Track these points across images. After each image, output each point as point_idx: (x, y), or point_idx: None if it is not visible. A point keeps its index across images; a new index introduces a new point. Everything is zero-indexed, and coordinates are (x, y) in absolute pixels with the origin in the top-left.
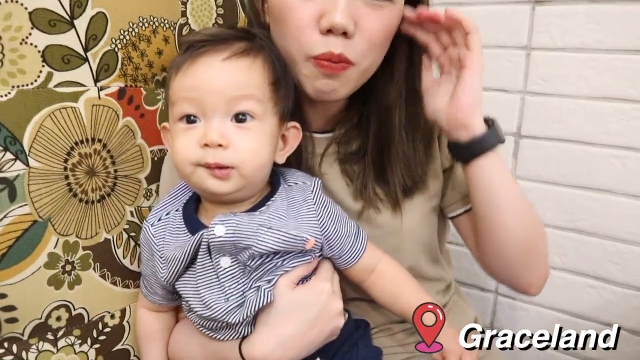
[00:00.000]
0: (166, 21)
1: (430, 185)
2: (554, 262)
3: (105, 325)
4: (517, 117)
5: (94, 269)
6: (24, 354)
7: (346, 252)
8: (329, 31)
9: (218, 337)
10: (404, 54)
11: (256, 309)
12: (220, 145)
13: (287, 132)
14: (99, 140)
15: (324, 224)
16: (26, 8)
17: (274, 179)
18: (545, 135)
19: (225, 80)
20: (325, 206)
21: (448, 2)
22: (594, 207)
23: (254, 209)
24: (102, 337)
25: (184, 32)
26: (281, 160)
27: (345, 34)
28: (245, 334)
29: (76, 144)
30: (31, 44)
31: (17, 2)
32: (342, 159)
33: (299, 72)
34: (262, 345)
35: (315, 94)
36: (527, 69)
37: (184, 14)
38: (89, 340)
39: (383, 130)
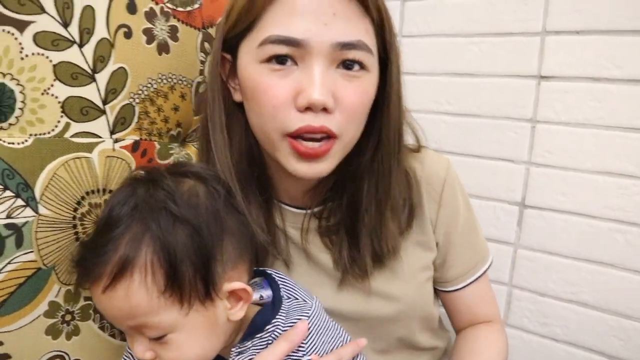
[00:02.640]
0: (184, 79)
1: (421, 256)
2: (556, 334)
3: None
4: (522, 187)
5: (93, 320)
6: None
7: None
8: (308, 108)
9: None
10: (377, 124)
11: None
12: None
13: (227, 298)
14: (110, 191)
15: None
16: (51, 61)
17: (273, 287)
18: (549, 206)
19: (113, 314)
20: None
21: (455, 72)
22: (597, 280)
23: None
24: None
25: (200, 90)
26: (240, 315)
27: (325, 110)
28: None
29: (87, 193)
30: (52, 94)
31: (43, 55)
32: (321, 232)
33: (278, 152)
34: None
35: (297, 176)
36: (532, 141)
37: (201, 72)
38: None
39: (354, 198)
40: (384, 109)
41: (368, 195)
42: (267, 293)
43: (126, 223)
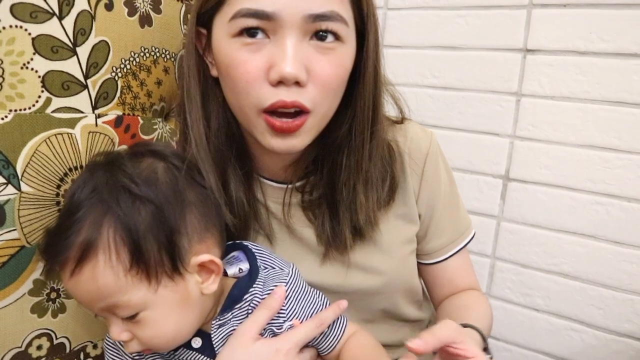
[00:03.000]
0: (167, 52)
1: (404, 229)
2: (538, 305)
3: (87, 355)
4: (506, 161)
5: None
6: None
7: (325, 340)
8: (280, 82)
9: None
10: (354, 98)
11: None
12: None
13: (197, 272)
14: None
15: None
16: (30, 34)
17: (250, 259)
18: (532, 179)
19: (83, 297)
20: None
21: (441, 45)
22: (578, 251)
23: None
24: None
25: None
26: (213, 288)
27: (297, 83)
28: None
29: (70, 170)
30: (32, 69)
31: (21, 27)
32: (304, 206)
33: (254, 127)
34: None
35: (273, 150)
36: (517, 115)
37: (185, 45)
38: None
39: (333, 172)
40: (360, 81)
41: (345, 168)
42: (245, 266)
43: (86, 206)
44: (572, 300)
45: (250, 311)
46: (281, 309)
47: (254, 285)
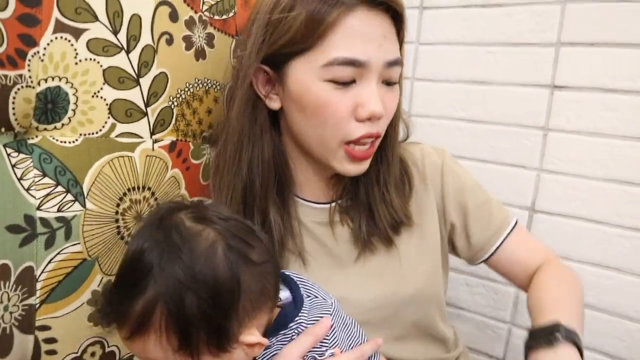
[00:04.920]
0: (217, 83)
1: (430, 237)
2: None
3: None
4: (532, 192)
5: None
6: None
7: None
8: (367, 119)
9: None
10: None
11: None
12: None
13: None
14: (149, 188)
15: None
16: (101, 66)
17: (292, 288)
18: (558, 211)
19: (138, 355)
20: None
21: (470, 80)
22: (603, 283)
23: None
24: None
25: None
26: (258, 353)
27: (379, 118)
28: None
29: (129, 190)
30: (101, 97)
31: (94, 60)
32: (342, 217)
33: (330, 156)
34: None
35: (347, 174)
36: (544, 148)
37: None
38: None
39: (368, 184)
40: (396, 111)
41: (378, 180)
42: (284, 295)
43: (144, 281)
44: (597, 333)
45: (294, 337)
46: (325, 338)
47: (300, 314)
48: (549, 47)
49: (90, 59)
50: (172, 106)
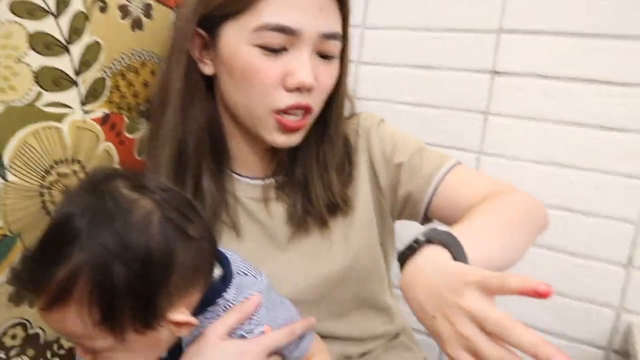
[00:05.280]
0: (155, 55)
1: (364, 210)
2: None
3: (60, 346)
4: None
5: None
6: None
7: (291, 352)
8: (297, 89)
9: None
10: (330, 98)
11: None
12: None
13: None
14: (79, 162)
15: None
16: (26, 29)
17: (225, 266)
18: None
19: (50, 326)
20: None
21: (417, 64)
22: (544, 264)
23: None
24: (55, 359)
25: None
26: (185, 333)
27: (308, 89)
28: None
29: (56, 163)
30: (26, 63)
31: (19, 23)
32: (278, 195)
33: (260, 126)
34: None
35: (276, 145)
36: (484, 132)
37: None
38: None
39: (307, 163)
40: (338, 88)
41: (317, 159)
42: (217, 272)
43: (70, 247)
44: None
45: (220, 314)
46: (253, 315)
47: (227, 289)
48: (491, 34)
49: (14, 22)
50: (106, 77)
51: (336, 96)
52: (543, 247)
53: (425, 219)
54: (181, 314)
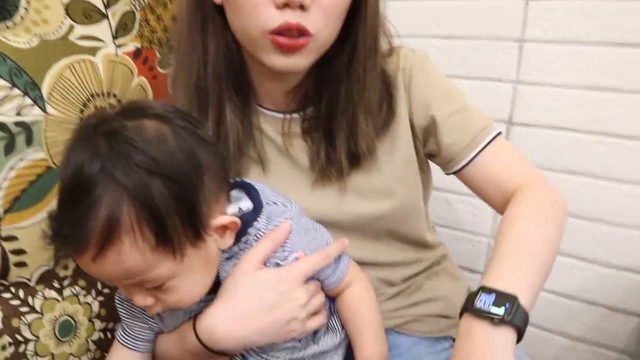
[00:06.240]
0: None
1: (400, 152)
2: None
3: None
4: (509, 106)
5: None
6: (30, 299)
7: (328, 276)
8: (286, 5)
9: None
10: (354, 29)
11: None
12: None
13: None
14: (114, 95)
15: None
16: None
17: (254, 197)
18: (536, 122)
19: (108, 278)
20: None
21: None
22: (581, 190)
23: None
24: (106, 290)
25: None
26: (230, 242)
27: (302, 7)
28: None
29: (92, 96)
30: None
31: None
32: (303, 135)
33: (258, 48)
34: (211, 316)
35: (275, 69)
36: (520, 60)
37: None
38: (93, 292)
39: (331, 101)
40: (361, 12)
41: (345, 97)
42: (245, 204)
43: (99, 187)
44: (574, 239)
45: (253, 244)
46: (286, 242)
47: (258, 219)
48: None
49: None
50: (135, 10)
51: (360, 27)
52: (585, 175)
53: (447, 172)
54: (222, 217)
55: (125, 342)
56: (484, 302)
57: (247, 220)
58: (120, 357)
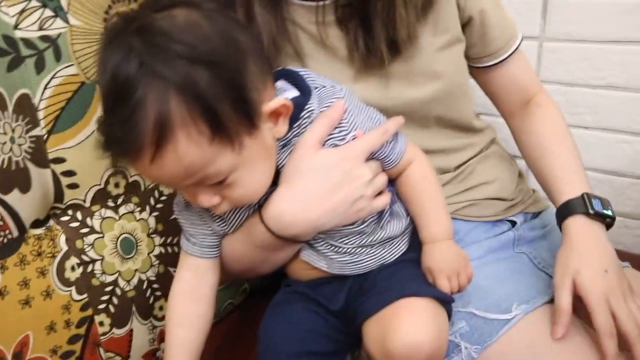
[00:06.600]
0: None
1: (443, 35)
2: (586, 122)
3: (161, 193)
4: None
5: None
6: (88, 220)
7: (389, 154)
8: None
9: None
10: None
11: None
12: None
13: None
14: (136, 0)
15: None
16: None
17: (300, 82)
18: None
19: (168, 179)
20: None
21: None
22: (626, 61)
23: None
24: (159, 205)
25: None
26: (284, 130)
27: None
28: None
29: (113, 2)
30: None
31: None
32: (338, 23)
33: None
34: (278, 202)
35: None
36: None
37: None
38: (147, 208)
39: None
40: None
41: None
42: (292, 93)
43: (141, 84)
44: (621, 112)
45: (307, 127)
46: (341, 122)
47: (310, 102)
48: None
49: None
50: None
51: None
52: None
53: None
54: (273, 101)
55: (191, 251)
56: (598, 206)
57: (298, 104)
58: (189, 266)
